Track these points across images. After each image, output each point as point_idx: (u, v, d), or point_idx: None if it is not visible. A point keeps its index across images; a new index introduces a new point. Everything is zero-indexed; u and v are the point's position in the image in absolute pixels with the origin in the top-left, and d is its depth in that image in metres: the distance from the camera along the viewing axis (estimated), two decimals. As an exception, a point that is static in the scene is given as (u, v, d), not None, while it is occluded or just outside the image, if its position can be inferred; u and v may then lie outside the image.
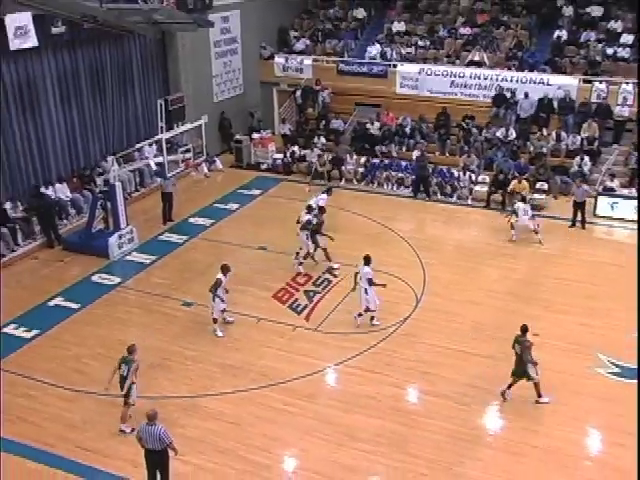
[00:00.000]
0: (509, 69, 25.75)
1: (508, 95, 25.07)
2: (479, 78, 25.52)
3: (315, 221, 18.39)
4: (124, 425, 12.76)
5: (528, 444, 12.38)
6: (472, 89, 25.58)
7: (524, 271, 18.44)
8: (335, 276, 18.20)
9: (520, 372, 13.11)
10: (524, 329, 13.15)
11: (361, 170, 25.07)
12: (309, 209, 18.82)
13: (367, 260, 15.63)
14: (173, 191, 21.94)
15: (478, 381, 13.91)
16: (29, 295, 17.58)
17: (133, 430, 12.17)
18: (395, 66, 26.86)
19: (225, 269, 15.68)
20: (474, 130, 25.04)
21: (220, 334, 15.65)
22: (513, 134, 24.46)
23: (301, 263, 18.24)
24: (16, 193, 20.45)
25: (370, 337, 15.52)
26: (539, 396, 13.19)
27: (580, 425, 12.87)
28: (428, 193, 23.38)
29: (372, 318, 15.87)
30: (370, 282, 15.46)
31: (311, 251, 18.32)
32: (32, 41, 18.35)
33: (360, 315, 15.81)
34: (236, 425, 12.96)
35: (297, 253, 18.32)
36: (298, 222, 18.38)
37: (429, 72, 26.23)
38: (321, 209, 19.05)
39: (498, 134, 24.58)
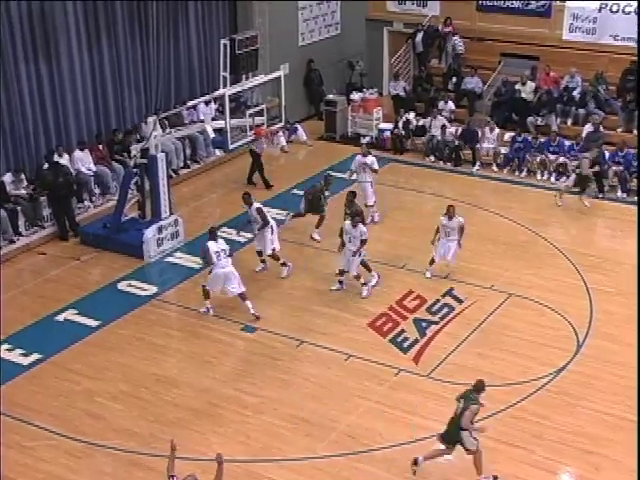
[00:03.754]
0: None
1: None
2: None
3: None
4: None
5: None
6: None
7: None
8: (460, 301, 17.97)
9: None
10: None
11: (504, 151, 24.84)
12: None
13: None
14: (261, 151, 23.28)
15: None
16: (31, 305, 17.99)
17: None
18: (563, 0, 26.42)
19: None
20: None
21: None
22: None
23: None
24: (20, 163, 21.04)
25: (507, 393, 15.24)
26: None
27: None
28: (601, 188, 22.87)
29: None
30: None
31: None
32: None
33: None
34: (308, 507, 12.92)
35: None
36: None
37: (615, 8, 25.77)
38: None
39: None
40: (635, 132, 24.63)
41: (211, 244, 17.24)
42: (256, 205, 18.78)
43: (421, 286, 18.28)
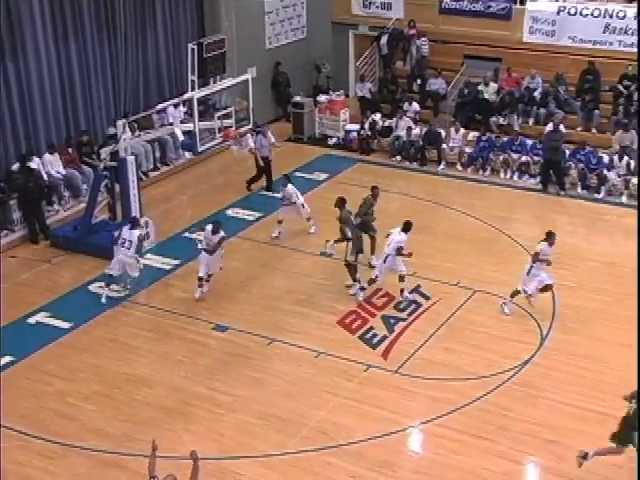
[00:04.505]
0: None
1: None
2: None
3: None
4: None
5: None
6: (636, 36, 25.04)
7: None
8: (427, 298, 18.07)
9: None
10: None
11: (468, 150, 24.96)
12: None
13: (407, 227, 17.47)
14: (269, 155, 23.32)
15: (623, 460, 13.50)
16: (2, 308, 17.81)
17: None
18: (523, 2, 26.65)
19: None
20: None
21: None
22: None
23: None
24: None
25: (473, 386, 15.35)
26: None
27: None
28: (562, 185, 23.08)
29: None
30: (399, 251, 17.31)
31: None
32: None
33: (363, 289, 17.77)
34: (280, 502, 12.95)
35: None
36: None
37: (572, 11, 25.91)
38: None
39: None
40: (594, 131, 24.88)
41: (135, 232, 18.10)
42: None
43: (389, 284, 18.33)
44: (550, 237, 17.39)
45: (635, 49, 24.84)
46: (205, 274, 18.07)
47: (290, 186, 20.51)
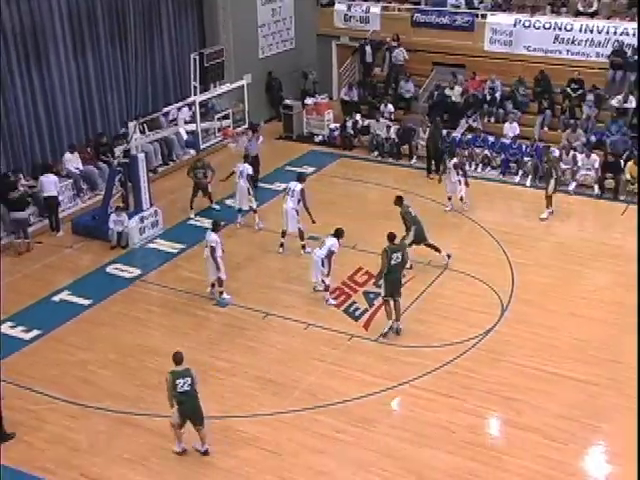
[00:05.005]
0: (631, 19, 25.06)
1: (629, 53, 24.40)
2: (591, 32, 24.96)
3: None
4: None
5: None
6: (582, 46, 25.05)
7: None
8: (402, 275, 18.04)
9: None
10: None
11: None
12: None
13: (339, 233, 16.77)
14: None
15: (576, 412, 13.63)
16: (30, 287, 17.86)
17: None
18: (484, 16, 26.52)
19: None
20: (588, 98, 24.34)
21: None
22: (633, 103, 23.86)
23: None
24: (18, 164, 20.86)
25: (443, 352, 15.40)
26: None
27: None
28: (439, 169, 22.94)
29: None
30: (329, 256, 16.58)
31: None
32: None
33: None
34: (275, 454, 12.94)
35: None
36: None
37: (527, 24, 25.81)
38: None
39: (614, 102, 24.02)
40: (546, 129, 24.86)
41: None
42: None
43: (369, 264, 18.28)
44: (339, 233, 16.88)
45: (580, 57, 25.04)
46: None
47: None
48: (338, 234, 16.86)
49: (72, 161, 21.72)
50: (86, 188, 21.96)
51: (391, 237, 15.88)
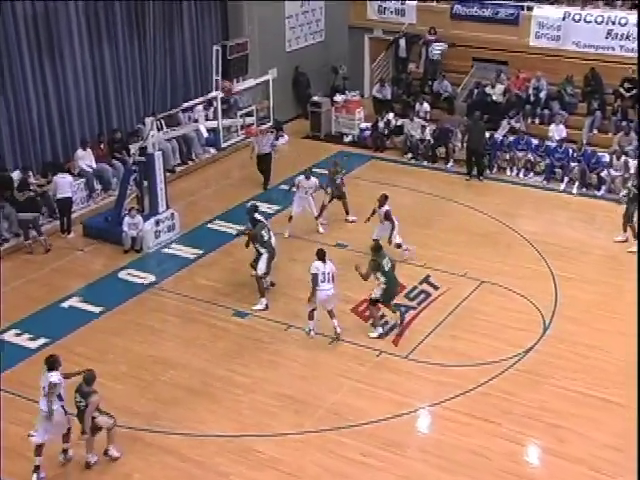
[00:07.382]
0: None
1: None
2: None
3: None
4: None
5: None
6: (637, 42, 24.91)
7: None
8: (436, 288, 18.01)
9: None
10: None
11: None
12: None
13: (321, 255, 16.17)
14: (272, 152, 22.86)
15: (624, 442, 13.45)
16: (37, 292, 17.96)
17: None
18: (530, 9, 26.50)
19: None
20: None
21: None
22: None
23: None
24: (27, 161, 21.01)
25: (479, 372, 15.32)
26: None
27: None
28: (482, 172, 23.29)
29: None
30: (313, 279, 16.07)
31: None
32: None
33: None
34: (296, 478, 12.91)
35: None
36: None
37: (577, 17, 25.78)
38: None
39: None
40: (596, 132, 24.73)
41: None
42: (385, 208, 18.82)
43: (400, 274, 18.25)
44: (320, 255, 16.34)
45: (635, 54, 24.74)
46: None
47: (313, 179, 20.39)
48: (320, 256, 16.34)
49: (84, 158, 21.82)
50: (99, 188, 22.07)
51: (376, 247, 16.52)
